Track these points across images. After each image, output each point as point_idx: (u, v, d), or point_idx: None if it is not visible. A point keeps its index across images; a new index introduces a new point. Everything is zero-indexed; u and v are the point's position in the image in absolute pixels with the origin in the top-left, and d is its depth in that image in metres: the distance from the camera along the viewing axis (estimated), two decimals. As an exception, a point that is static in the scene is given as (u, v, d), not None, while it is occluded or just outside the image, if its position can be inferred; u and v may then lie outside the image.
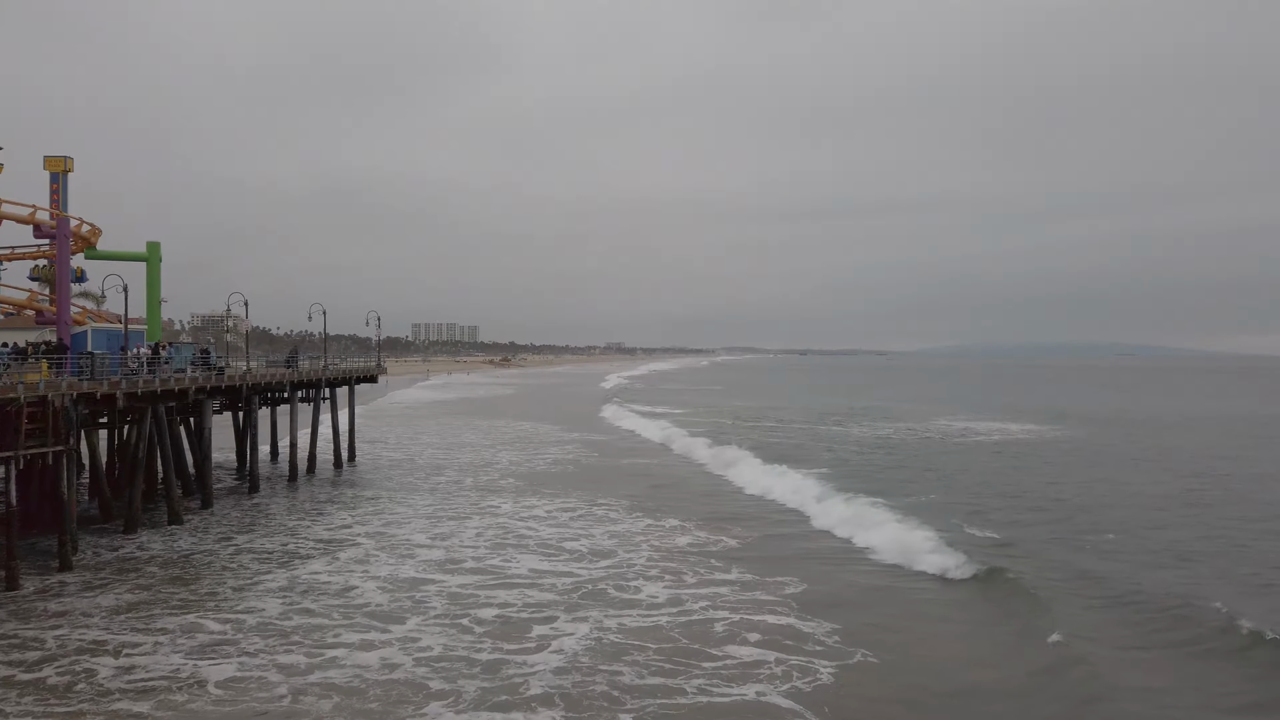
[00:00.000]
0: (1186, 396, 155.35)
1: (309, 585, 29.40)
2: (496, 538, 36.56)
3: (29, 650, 23.16)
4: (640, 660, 22.51)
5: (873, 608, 27.27)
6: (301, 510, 43.22)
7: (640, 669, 21.95)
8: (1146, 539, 35.77)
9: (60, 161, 54.73)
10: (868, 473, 55.00)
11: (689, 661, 22.38)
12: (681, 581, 29.66)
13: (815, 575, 30.57)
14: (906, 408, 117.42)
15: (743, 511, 42.60)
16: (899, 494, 45.49)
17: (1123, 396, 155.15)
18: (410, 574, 30.77)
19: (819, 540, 36.81)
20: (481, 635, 24.40)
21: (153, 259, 54.51)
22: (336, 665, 22.17)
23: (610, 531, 37.69)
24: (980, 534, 36.13)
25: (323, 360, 61.44)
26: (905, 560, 32.28)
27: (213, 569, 31.67)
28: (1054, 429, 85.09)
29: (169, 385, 39.65)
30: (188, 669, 21.83)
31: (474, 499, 45.94)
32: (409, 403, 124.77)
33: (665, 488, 49.68)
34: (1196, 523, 39.27)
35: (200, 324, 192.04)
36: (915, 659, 22.80)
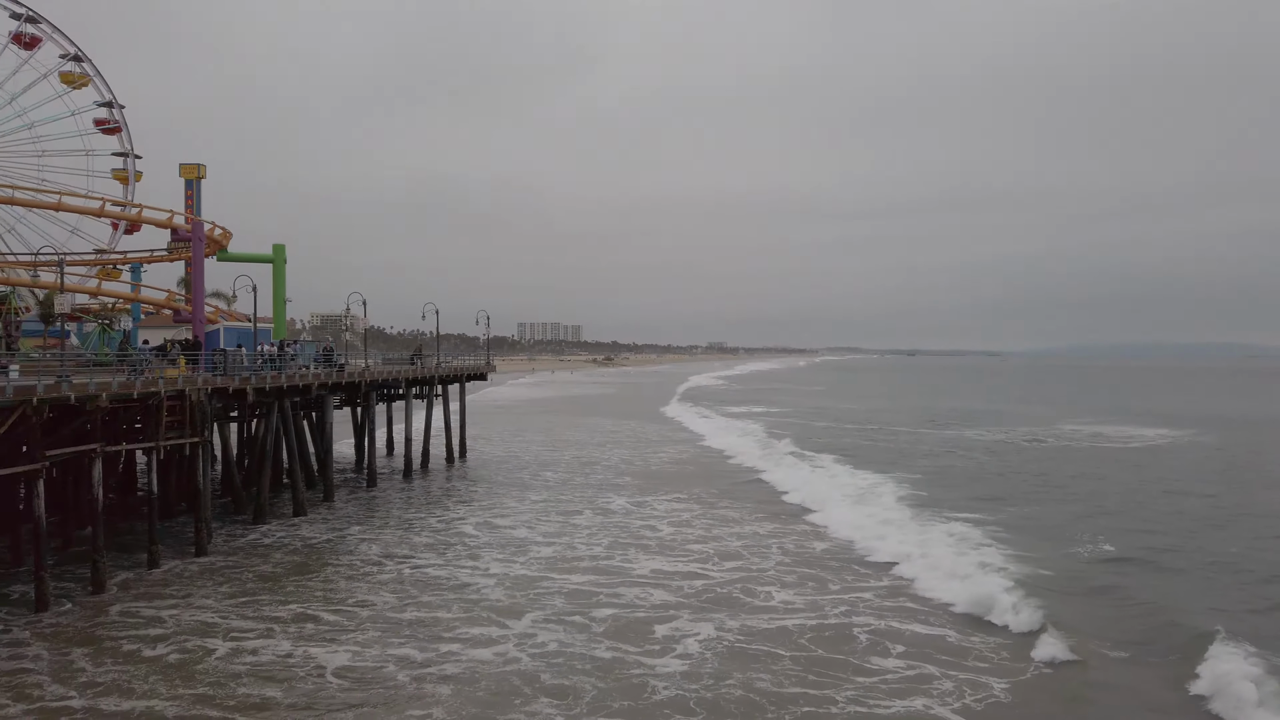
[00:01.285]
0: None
1: (425, 579, 30.06)
2: (613, 536, 36.59)
3: (155, 628, 24.38)
4: (777, 667, 21.87)
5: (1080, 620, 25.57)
6: (417, 504, 44.36)
7: (778, 676, 21.32)
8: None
9: (194, 169, 57.89)
10: (1022, 489, 52.80)
11: (833, 671, 21.62)
12: (821, 588, 28.89)
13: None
14: (1036, 410, 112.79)
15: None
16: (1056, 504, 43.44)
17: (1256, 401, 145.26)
18: (526, 571, 31.09)
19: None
20: (599, 634, 24.29)
21: (278, 260, 56.98)
22: (451, 659, 22.48)
23: (735, 533, 37.20)
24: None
25: (435, 358, 63.00)
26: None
27: (334, 560, 32.74)
28: (1208, 436, 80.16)
29: (294, 381, 41.29)
30: (306, 655, 22.54)
31: (586, 496, 46.24)
32: (510, 400, 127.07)
33: (785, 491, 48.76)
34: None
35: (320, 323, 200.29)
36: (1095, 669, 21.67)
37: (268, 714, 19.29)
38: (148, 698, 19.91)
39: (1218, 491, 48.00)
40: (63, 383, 27.28)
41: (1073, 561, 32.08)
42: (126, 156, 65.46)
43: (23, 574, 29.25)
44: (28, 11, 60.71)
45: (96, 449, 29.32)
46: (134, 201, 60.92)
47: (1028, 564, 30.95)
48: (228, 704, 19.69)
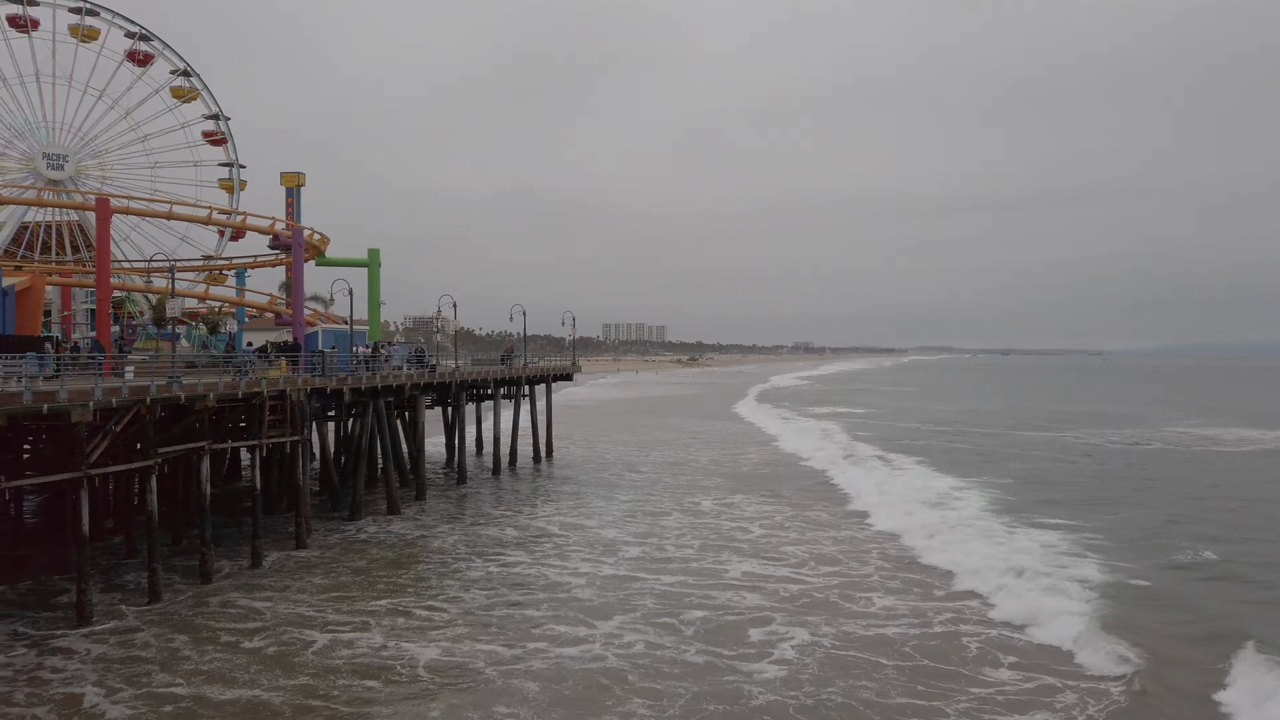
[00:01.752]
0: None
1: (515, 576, 30.41)
2: (704, 537, 36.36)
3: (256, 620, 25.26)
4: (880, 676, 21.27)
5: (1165, 629, 24.62)
6: (507, 502, 44.98)
7: (883, 685, 20.74)
8: None
9: (294, 177, 60.04)
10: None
11: (942, 682, 20.91)
12: (925, 594, 28.22)
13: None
14: (1142, 412, 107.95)
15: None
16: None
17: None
18: (615, 570, 31.16)
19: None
20: (691, 637, 24.04)
21: (373, 265, 58.59)
22: (539, 655, 22.66)
23: (831, 537, 36.61)
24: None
25: (522, 359, 63.89)
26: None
27: (426, 556, 33.42)
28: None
29: (388, 381, 42.36)
30: (399, 649, 23.02)
31: (675, 497, 46.14)
32: (594, 400, 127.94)
33: (884, 496, 47.71)
34: None
35: (412, 325, 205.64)
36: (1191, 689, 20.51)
37: (364, 706, 19.76)
38: (250, 687, 20.64)
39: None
40: (173, 383, 28.56)
41: (1171, 573, 30.49)
42: (232, 166, 68.45)
43: (136, 565, 30.73)
44: (141, 30, 63.97)
45: (205, 446, 30.61)
46: (239, 209, 63.59)
47: (1125, 574, 29.52)
48: (327, 695, 20.26)
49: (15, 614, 25.78)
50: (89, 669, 21.70)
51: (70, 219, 62.06)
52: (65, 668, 21.79)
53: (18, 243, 59.03)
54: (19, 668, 21.73)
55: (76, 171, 61.50)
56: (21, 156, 60.77)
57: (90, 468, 25.83)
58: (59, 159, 60.64)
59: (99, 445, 26.23)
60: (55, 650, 22.94)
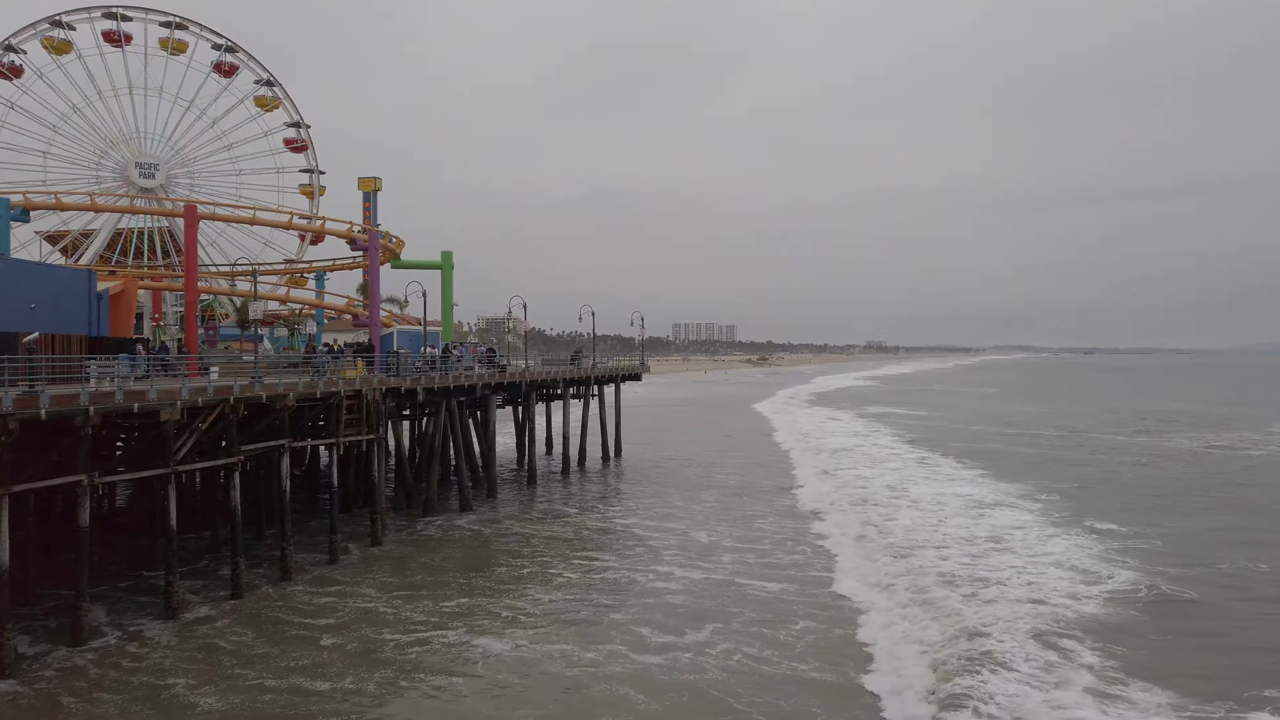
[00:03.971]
0: None
1: (587, 575, 30.55)
2: (795, 545, 35.09)
3: (335, 615, 25.88)
4: (1012, 690, 20.07)
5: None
6: (575, 501, 45.27)
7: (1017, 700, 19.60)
8: None
9: (371, 182, 61.44)
10: None
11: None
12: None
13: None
14: (1229, 413, 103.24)
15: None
16: None
17: None
18: (706, 575, 30.94)
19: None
20: (801, 652, 22.97)
21: (446, 267, 59.62)
22: (619, 659, 22.61)
23: (940, 539, 35.71)
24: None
25: (591, 359, 64.22)
26: None
27: (497, 554, 33.83)
28: None
29: (460, 381, 43.04)
30: (472, 646, 23.34)
31: (759, 500, 45.72)
32: (663, 400, 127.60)
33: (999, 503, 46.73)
34: None
35: (485, 325, 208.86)
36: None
37: (443, 703, 20.07)
38: (335, 679, 21.17)
39: None
40: (255, 383, 29.50)
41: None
42: (312, 173, 70.39)
43: (221, 560, 31.81)
44: (227, 42, 66.25)
45: (285, 444, 31.53)
46: (318, 214, 65.36)
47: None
48: (404, 689, 20.66)
49: (109, 599, 26.93)
50: (174, 660, 22.53)
51: (161, 225, 64.64)
52: (148, 657, 22.67)
53: (111, 248, 61.70)
54: (109, 657, 22.69)
55: (167, 179, 64.02)
56: (115, 166, 63.53)
57: (178, 464, 26.88)
58: (150, 168, 63.19)
59: (186, 443, 27.27)
60: (143, 639, 23.89)
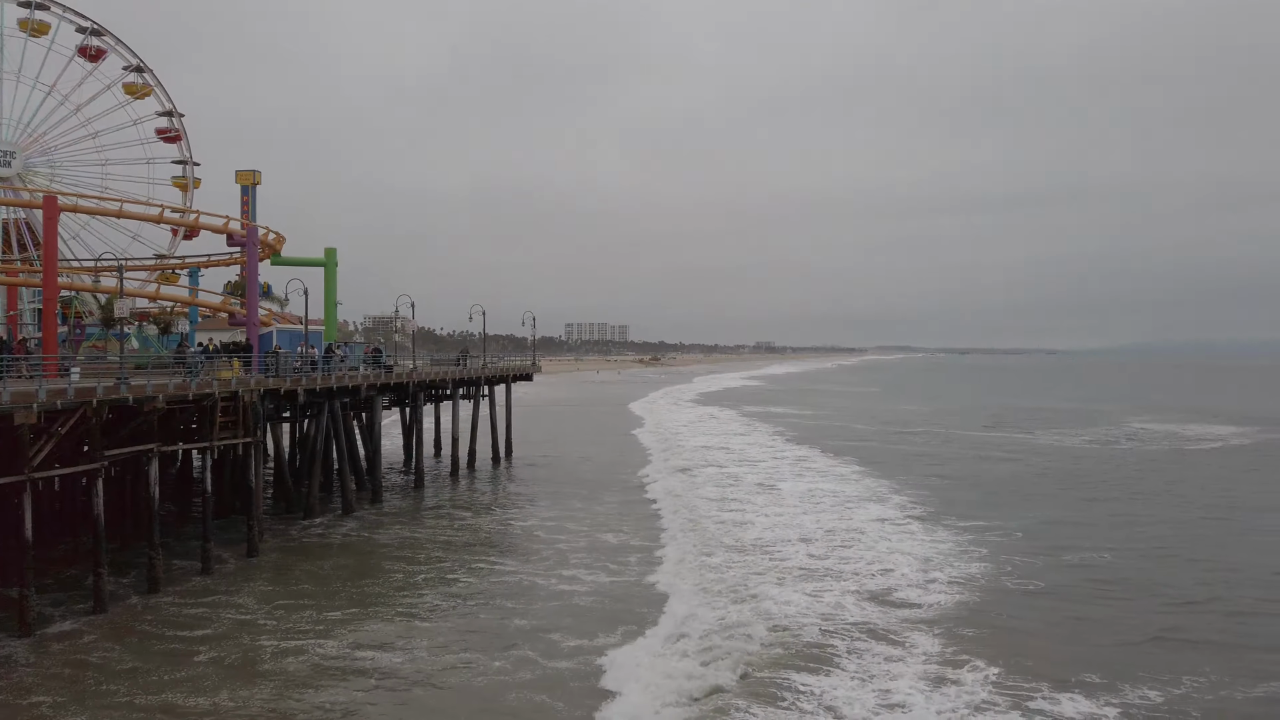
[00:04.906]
0: None
1: (470, 581, 30.38)
2: (700, 545, 34.80)
3: (208, 627, 25.01)
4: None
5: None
6: (462, 504, 44.88)
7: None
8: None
9: (250, 175, 59.30)
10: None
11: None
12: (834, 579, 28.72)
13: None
14: (1098, 409, 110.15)
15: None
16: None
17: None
18: (594, 575, 31.21)
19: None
20: (715, 658, 22.69)
21: (330, 264, 58.06)
22: (527, 667, 22.60)
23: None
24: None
25: (482, 359, 63.75)
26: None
27: (380, 560, 33.26)
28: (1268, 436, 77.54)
29: (344, 382, 42.05)
30: (355, 657, 22.94)
31: (617, 495, 46.27)
32: (554, 400, 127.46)
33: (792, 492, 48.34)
34: None
35: (371, 325, 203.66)
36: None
37: (340, 717, 19.65)
38: (211, 694, 20.43)
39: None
40: (121, 384, 28.14)
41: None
42: (186, 164, 67.25)
43: (86, 571, 30.16)
44: (93, 25, 62.71)
45: (153, 449, 30.17)
46: (192, 208, 62.55)
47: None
48: (282, 703, 20.13)
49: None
50: (35, 677, 21.31)
51: (17, 216, 60.68)
52: (8, 676, 21.40)
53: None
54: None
55: (24, 169, 60.16)
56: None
57: (34, 471, 25.40)
58: (5, 155, 59.25)
59: (43, 448, 25.80)
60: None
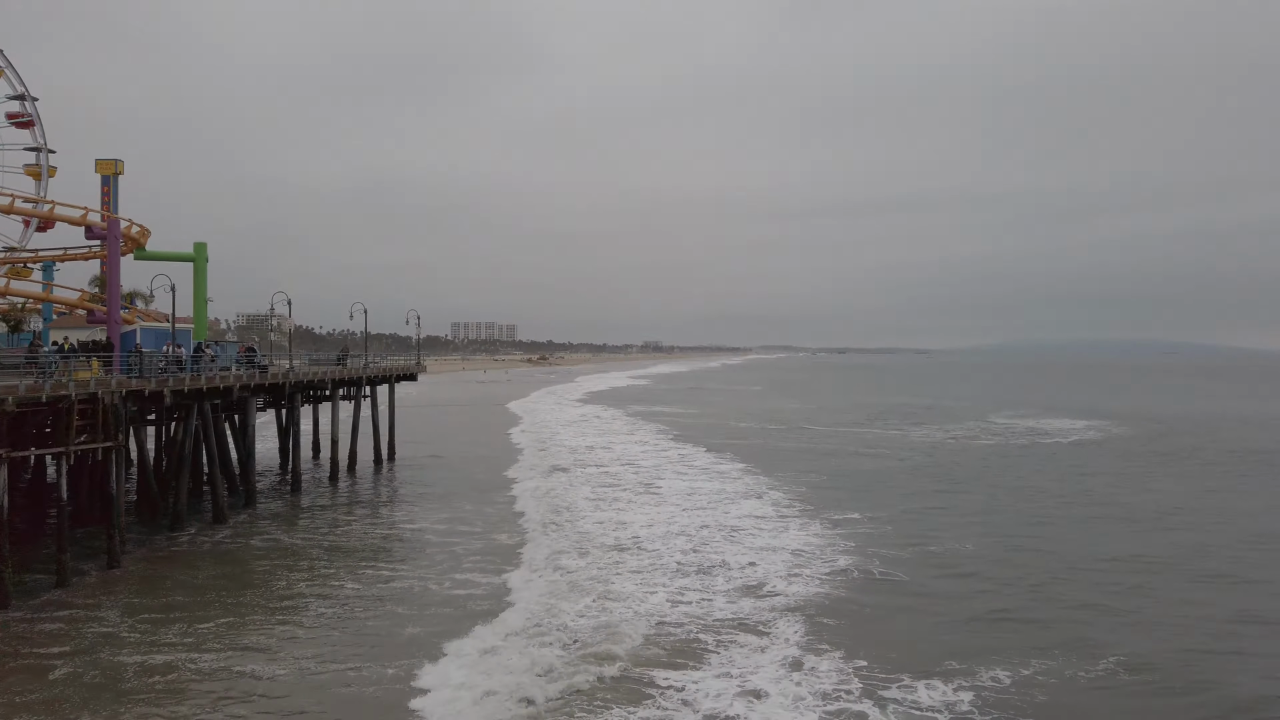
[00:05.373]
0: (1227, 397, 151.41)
1: (347, 587, 29.70)
2: (574, 544, 34.76)
3: (64, 643, 23.63)
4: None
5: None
6: (342, 508, 43.73)
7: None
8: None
9: (111, 164, 56.16)
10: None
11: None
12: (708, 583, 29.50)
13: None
14: (958, 406, 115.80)
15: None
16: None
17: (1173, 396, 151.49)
18: (463, 574, 30.92)
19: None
20: (572, 657, 22.50)
21: (199, 259, 55.52)
22: (410, 677, 22.27)
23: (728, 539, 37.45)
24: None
25: (364, 359, 62.20)
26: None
27: (253, 568, 32.08)
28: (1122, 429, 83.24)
29: (214, 383, 40.33)
30: (225, 670, 22.11)
31: (509, 496, 46.06)
32: (440, 400, 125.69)
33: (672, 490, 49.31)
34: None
35: (246, 323, 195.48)
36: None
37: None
38: (71, 713, 19.29)
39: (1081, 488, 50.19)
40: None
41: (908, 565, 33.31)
42: (40, 151, 62.99)
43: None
44: (-70, -2, 58.03)
45: (2, 455, 28.23)
46: (46, 198, 58.66)
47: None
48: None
49: None
50: None
51: None
52: None
53: None
54: None
55: None
56: None
57: None
58: None
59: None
60: None
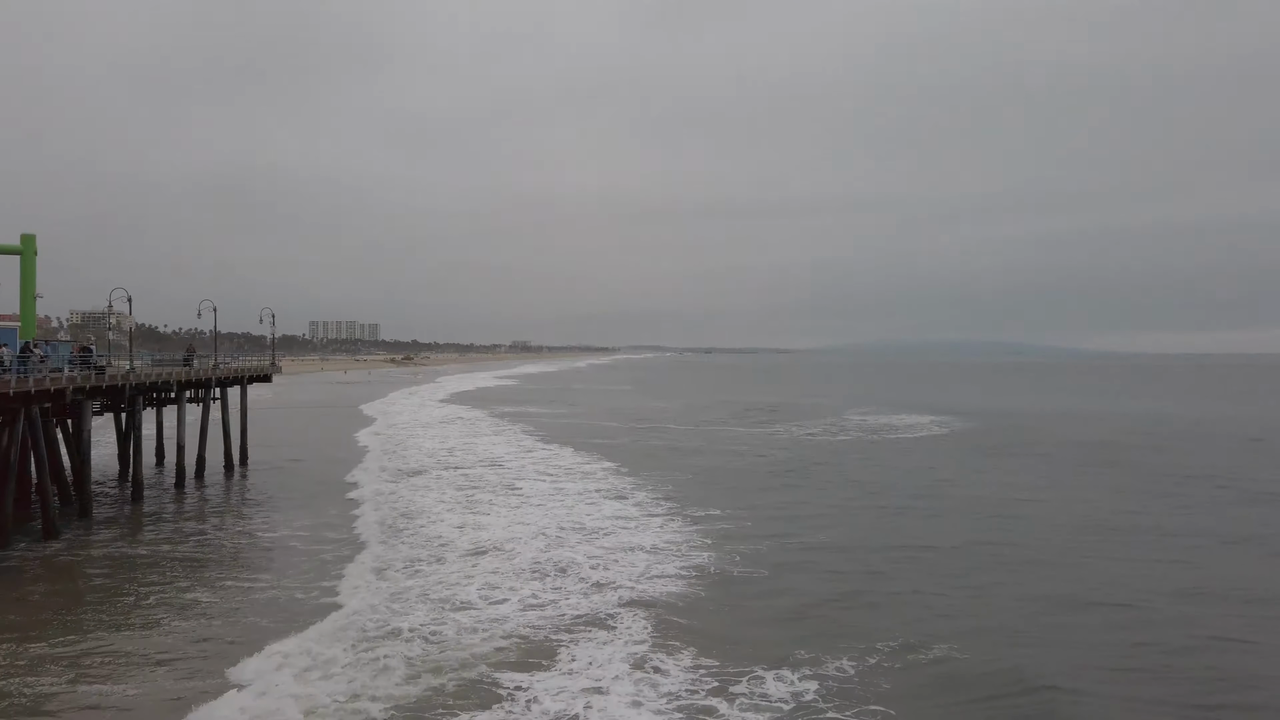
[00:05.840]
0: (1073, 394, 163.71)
1: (190, 602, 28.14)
2: (423, 549, 33.84)
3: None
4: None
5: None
6: (190, 517, 41.36)
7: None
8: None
9: (-80, 146, 51.07)
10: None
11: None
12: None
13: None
14: (817, 404, 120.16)
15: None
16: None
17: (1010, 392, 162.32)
18: (298, 592, 29.78)
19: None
20: (405, 679, 21.40)
21: (27, 252, 51.27)
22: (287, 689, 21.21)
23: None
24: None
25: (214, 359, 59.14)
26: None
27: (116, 584, 29.87)
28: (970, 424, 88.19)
29: (43, 385, 37.34)
30: (78, 695, 20.56)
31: (381, 509, 44.74)
32: (297, 402, 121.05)
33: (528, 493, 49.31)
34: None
35: (81, 321, 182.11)
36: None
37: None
38: None
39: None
40: None
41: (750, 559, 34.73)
42: None
43: None
44: None
45: None
46: None
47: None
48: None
49: None
50: None
51: None
52: None
53: None
54: None
55: None
56: None
57: None
58: None
59: None
60: None
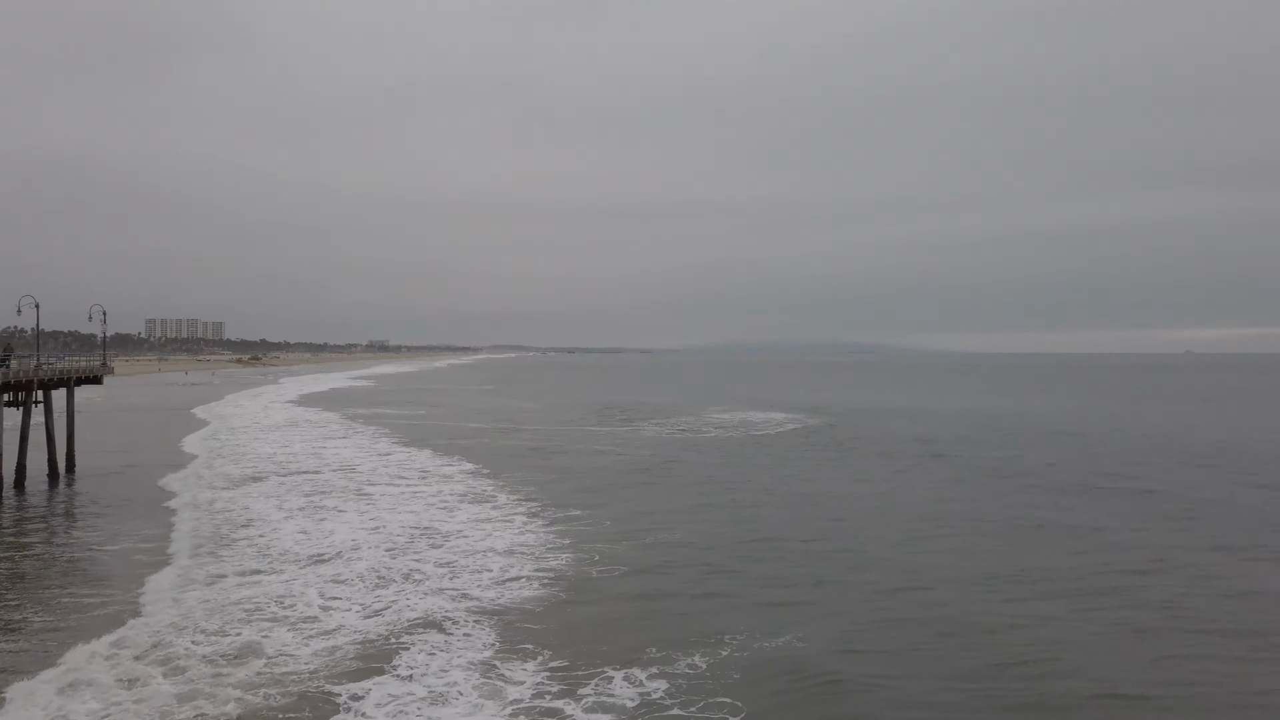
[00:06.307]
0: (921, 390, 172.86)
1: (50, 621, 25.75)
2: (256, 558, 32.27)
3: None
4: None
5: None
6: (14, 531, 37.81)
7: None
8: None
9: None
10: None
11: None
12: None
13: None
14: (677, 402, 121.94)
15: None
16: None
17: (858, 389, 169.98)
18: (127, 598, 27.76)
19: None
20: (240, 676, 20.83)
21: None
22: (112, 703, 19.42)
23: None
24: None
25: (35, 359, 54.54)
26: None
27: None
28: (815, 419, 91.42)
29: None
30: None
31: (211, 516, 42.25)
32: (138, 405, 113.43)
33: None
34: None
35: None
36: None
37: None
38: None
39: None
40: None
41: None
42: None
43: None
44: None
45: None
46: None
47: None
48: None
49: None
50: None
51: None
52: None
53: None
54: None
55: None
56: None
57: None
58: None
59: None
60: None
